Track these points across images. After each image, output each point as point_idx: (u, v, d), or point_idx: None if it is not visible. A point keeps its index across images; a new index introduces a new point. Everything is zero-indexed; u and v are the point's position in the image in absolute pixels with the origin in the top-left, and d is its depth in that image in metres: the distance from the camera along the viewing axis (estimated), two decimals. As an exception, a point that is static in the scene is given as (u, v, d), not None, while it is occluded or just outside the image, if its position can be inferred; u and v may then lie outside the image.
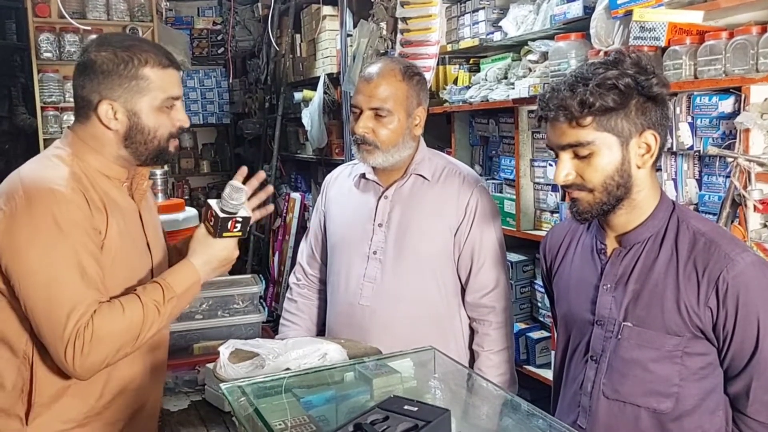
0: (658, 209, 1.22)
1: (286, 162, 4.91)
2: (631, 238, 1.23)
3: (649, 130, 1.17)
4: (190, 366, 1.82)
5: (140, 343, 1.24)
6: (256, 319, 1.99)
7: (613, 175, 1.17)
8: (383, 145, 1.62)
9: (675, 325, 1.17)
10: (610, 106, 1.13)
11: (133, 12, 3.89)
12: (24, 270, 1.17)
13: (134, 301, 1.23)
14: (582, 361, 1.29)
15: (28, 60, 3.84)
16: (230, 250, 1.35)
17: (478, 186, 1.71)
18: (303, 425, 1.08)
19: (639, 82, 1.14)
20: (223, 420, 1.53)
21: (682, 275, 1.17)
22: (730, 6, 1.61)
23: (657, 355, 1.19)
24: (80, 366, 1.17)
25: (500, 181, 2.54)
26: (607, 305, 1.24)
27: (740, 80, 1.53)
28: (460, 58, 2.84)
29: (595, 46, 1.91)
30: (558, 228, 1.46)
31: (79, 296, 1.18)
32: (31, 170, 1.25)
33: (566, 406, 1.33)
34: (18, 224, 1.17)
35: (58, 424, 1.26)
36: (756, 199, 1.51)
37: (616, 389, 1.23)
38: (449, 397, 1.24)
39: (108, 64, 1.26)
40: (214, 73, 6.15)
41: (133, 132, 1.29)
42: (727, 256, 1.14)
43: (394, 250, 1.67)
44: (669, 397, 1.19)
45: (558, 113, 1.16)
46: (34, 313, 1.18)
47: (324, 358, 1.34)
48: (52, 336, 1.17)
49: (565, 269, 1.37)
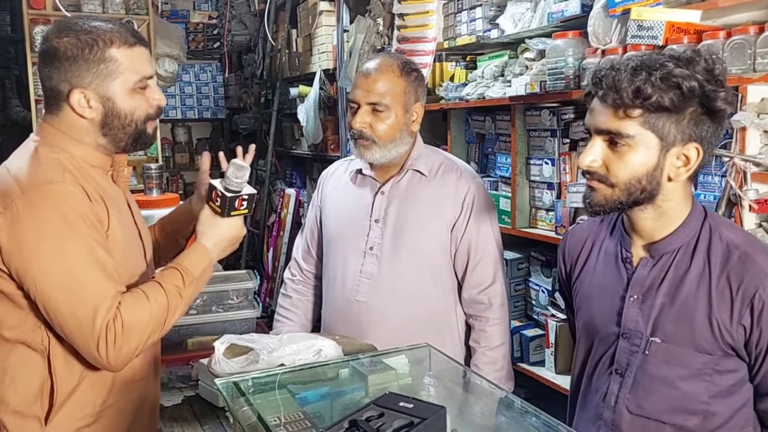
0: (689, 218, 1.14)
1: (282, 158, 4.90)
2: (661, 247, 1.16)
3: (695, 143, 1.07)
4: (184, 361, 1.82)
5: (166, 329, 1.24)
6: (251, 314, 1.99)
7: (641, 178, 1.08)
8: (380, 140, 1.61)
9: (706, 342, 1.11)
10: (665, 105, 1.04)
11: (129, 5, 3.87)
12: (38, 273, 1.13)
13: (156, 287, 1.22)
14: (606, 374, 1.22)
15: (22, 52, 3.81)
16: (238, 229, 1.35)
17: (474, 182, 1.71)
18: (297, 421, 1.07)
19: (705, 90, 1.04)
20: (217, 415, 1.53)
21: (715, 290, 1.10)
22: (728, 5, 1.61)
23: (686, 373, 1.13)
24: (114, 359, 1.16)
25: (496, 178, 2.54)
26: (634, 318, 1.17)
27: (737, 80, 1.54)
28: (457, 55, 2.84)
29: (593, 44, 1.91)
30: (578, 230, 1.37)
31: (102, 290, 1.16)
32: (20, 168, 1.19)
33: (586, 418, 1.27)
34: (23, 226, 1.13)
35: (74, 421, 1.23)
36: (751, 199, 1.51)
37: (641, 405, 1.17)
38: (444, 394, 1.24)
39: (72, 50, 1.19)
40: (210, 67, 6.12)
41: (109, 118, 1.23)
42: (763, 272, 1.07)
43: (391, 246, 1.66)
44: (696, 414, 1.14)
45: (608, 93, 1.06)
46: (57, 315, 1.15)
47: (319, 354, 1.34)
48: (81, 334, 1.15)
49: (587, 275, 1.29)
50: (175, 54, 4.14)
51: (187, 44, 5.55)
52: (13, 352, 1.20)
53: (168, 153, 5.93)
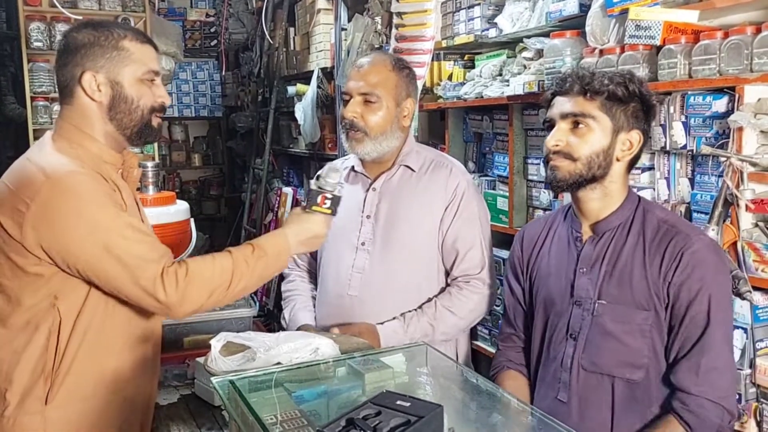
0: (626, 201, 1.39)
1: (279, 156, 4.89)
2: (603, 226, 1.39)
3: (637, 130, 1.36)
4: (180, 360, 1.82)
5: (231, 294, 1.32)
6: (247, 313, 1.99)
7: (599, 153, 1.34)
8: (371, 131, 1.63)
9: (643, 299, 1.31)
10: (618, 95, 1.33)
11: (125, 2, 3.85)
12: (80, 248, 1.22)
13: (225, 253, 1.33)
14: (562, 341, 1.40)
15: (17, 49, 3.79)
16: (320, 227, 1.44)
17: (465, 178, 1.72)
18: (294, 419, 1.07)
19: (642, 91, 1.35)
20: (213, 414, 1.53)
21: (648, 255, 1.33)
22: (725, 6, 1.61)
23: (629, 329, 1.32)
24: (178, 302, 1.25)
25: (493, 178, 2.54)
26: (584, 287, 1.38)
27: (734, 80, 1.54)
28: (455, 54, 2.83)
29: (591, 44, 1.91)
30: (533, 224, 1.63)
31: (145, 243, 1.26)
32: (42, 159, 1.28)
33: (547, 383, 1.43)
34: (53, 208, 1.21)
35: (75, 402, 1.29)
36: (748, 199, 1.52)
37: (593, 361, 1.35)
38: (441, 392, 1.24)
39: (89, 38, 1.32)
40: (207, 65, 6.10)
41: (116, 101, 1.32)
42: (687, 237, 1.31)
43: (382, 242, 1.68)
44: (640, 368, 1.32)
45: (576, 83, 1.34)
46: (110, 281, 1.24)
47: (316, 352, 1.34)
48: (139, 289, 1.23)
49: (543, 259, 1.50)
50: (172, 52, 4.12)
51: (184, 42, 5.54)
52: (24, 333, 1.26)
53: (165, 151, 5.92)
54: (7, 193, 1.25)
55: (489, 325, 2.49)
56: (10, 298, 1.27)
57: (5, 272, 1.27)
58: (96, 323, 1.30)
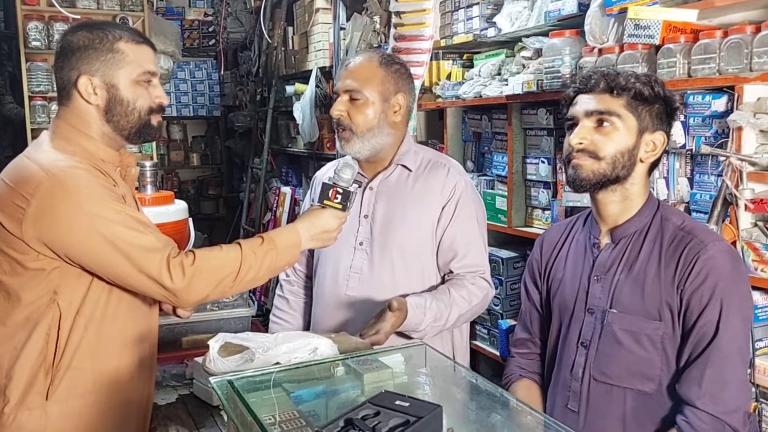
0: (645, 206, 1.35)
1: (277, 156, 4.88)
2: (620, 232, 1.35)
3: (662, 132, 1.33)
4: (178, 360, 1.81)
5: (239, 284, 1.32)
6: (246, 313, 1.98)
7: (624, 152, 1.30)
8: (357, 128, 1.63)
9: (654, 309, 1.27)
10: (644, 95, 1.30)
11: (123, 1, 3.85)
12: (82, 242, 1.22)
13: (234, 244, 1.34)
14: (573, 348, 1.38)
15: (15, 48, 3.79)
16: (330, 222, 1.44)
17: (462, 178, 1.71)
18: (293, 420, 1.07)
19: (666, 93, 1.33)
20: (211, 414, 1.53)
21: (663, 263, 1.29)
22: (725, 5, 1.61)
23: (639, 339, 1.28)
24: (184, 290, 1.25)
25: (492, 177, 2.54)
26: (598, 294, 1.35)
27: (734, 79, 1.54)
28: (454, 54, 2.83)
29: (590, 43, 1.91)
30: (554, 227, 1.59)
31: (149, 233, 1.26)
32: (40, 156, 1.28)
33: (558, 390, 1.41)
34: (54, 204, 1.21)
35: (75, 398, 1.29)
36: (747, 198, 1.52)
37: (603, 372, 1.32)
38: (439, 392, 1.24)
39: (84, 41, 1.31)
40: (205, 65, 6.10)
41: (112, 104, 1.32)
42: (702, 243, 1.26)
43: (379, 242, 1.67)
44: (652, 380, 1.28)
45: (602, 80, 1.31)
46: (117, 272, 1.25)
47: (314, 352, 1.33)
48: (141, 273, 1.24)
49: (560, 264, 1.47)
50: (170, 51, 4.12)
51: (183, 41, 5.53)
52: (24, 329, 1.26)
53: (163, 150, 5.91)
54: (5, 190, 1.25)
55: (488, 325, 2.49)
56: (10, 295, 1.27)
57: (4, 269, 1.27)
58: (96, 318, 1.30)
